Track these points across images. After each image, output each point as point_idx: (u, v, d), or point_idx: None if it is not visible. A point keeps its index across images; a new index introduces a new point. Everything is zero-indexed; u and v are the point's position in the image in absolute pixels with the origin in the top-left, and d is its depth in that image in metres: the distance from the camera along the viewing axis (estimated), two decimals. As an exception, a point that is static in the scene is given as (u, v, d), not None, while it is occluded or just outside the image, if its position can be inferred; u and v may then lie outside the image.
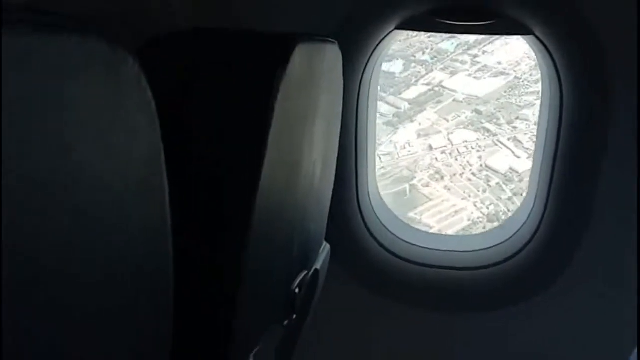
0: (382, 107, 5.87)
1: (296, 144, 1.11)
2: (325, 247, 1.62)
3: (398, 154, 6.18)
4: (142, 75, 0.57)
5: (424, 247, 2.09)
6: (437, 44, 6.39)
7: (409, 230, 2.22)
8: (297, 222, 1.22)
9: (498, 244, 2.05)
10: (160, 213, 0.69)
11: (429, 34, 5.69)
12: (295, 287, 1.29)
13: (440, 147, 6.22)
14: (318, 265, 1.52)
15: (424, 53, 6.40)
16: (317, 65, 1.19)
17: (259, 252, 0.98)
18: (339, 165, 1.62)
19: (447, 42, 6.38)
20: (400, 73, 6.39)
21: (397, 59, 6.16)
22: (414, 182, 6.08)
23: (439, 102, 6.37)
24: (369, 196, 2.06)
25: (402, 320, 2.06)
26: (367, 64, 1.84)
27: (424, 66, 6.38)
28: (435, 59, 6.44)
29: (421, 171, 6.15)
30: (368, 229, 2.03)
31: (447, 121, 6.31)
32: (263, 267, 1.04)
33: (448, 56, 6.48)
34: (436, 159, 6.17)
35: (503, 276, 2.00)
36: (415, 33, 5.62)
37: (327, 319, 1.80)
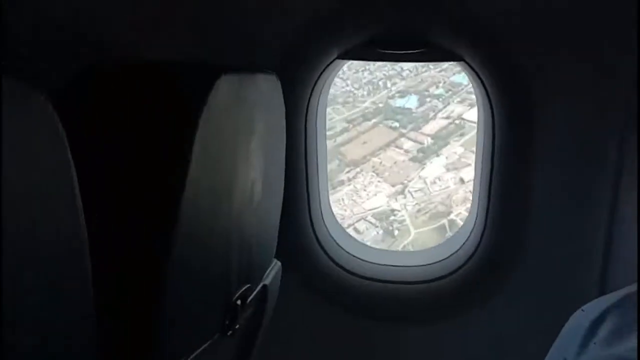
0: (405, 144, 5.75)
1: (227, 165, 1.23)
2: (276, 265, 1.72)
3: (429, 189, 6.06)
4: (54, 113, 0.68)
5: (375, 263, 2.21)
6: (449, 77, 6.43)
7: (361, 246, 2.34)
8: (232, 238, 1.32)
9: (440, 260, 2.18)
10: (75, 233, 0.79)
11: (440, 67, 5.78)
12: (236, 300, 1.39)
13: (472, 180, 6.13)
14: (267, 281, 1.62)
15: (437, 87, 6.36)
16: (249, 94, 1.31)
17: (185, 264, 1.09)
18: (290, 186, 1.74)
19: (459, 75, 6.30)
20: (417, 108, 6.22)
21: (411, 94, 6.07)
22: (452, 216, 5.94)
23: (462, 134, 6.29)
24: (321, 216, 2.18)
25: (353, 332, 2.16)
26: (312, 92, 1.97)
27: (440, 100, 6.41)
28: (450, 92, 6.45)
29: (457, 205, 6.02)
30: (320, 245, 2.14)
31: (474, 153, 6.24)
32: (191, 279, 1.14)
33: (462, 88, 6.41)
34: (469, 191, 6.11)
35: (444, 290, 2.12)
36: (424, 67, 5.75)
37: (281, 333, 1.90)
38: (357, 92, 5.53)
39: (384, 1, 1.87)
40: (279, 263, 1.72)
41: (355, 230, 5.18)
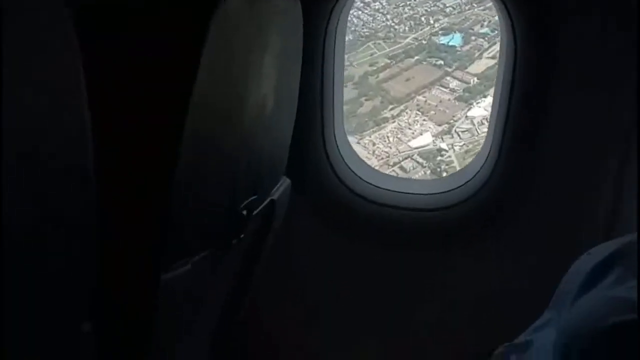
0: (451, 83, 5.52)
1: (237, 75, 1.24)
2: (285, 181, 1.76)
3: (477, 130, 6.04)
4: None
5: (386, 189, 2.23)
6: (494, 16, 6.17)
7: (372, 172, 2.37)
8: (241, 148, 1.35)
9: (453, 189, 2.20)
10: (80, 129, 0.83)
11: (484, 6, 5.61)
12: (242, 210, 1.44)
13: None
14: (275, 196, 1.66)
15: (482, 26, 6.23)
16: (264, 7, 1.31)
17: (192, 170, 1.13)
18: (303, 105, 1.76)
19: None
20: (461, 46, 6.12)
21: (455, 32, 5.88)
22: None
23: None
24: (334, 137, 2.20)
25: (360, 257, 2.21)
26: (332, 11, 1.96)
27: (485, 39, 6.25)
28: (496, 31, 6.25)
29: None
30: (332, 168, 2.17)
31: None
32: (197, 182, 1.19)
33: (509, 28, 6.27)
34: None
35: (455, 219, 2.15)
36: (468, 5, 5.58)
37: (286, 251, 1.95)
38: (398, 27, 5.35)
39: None
40: (288, 180, 1.76)
41: (402, 168, 5.14)
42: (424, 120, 5.09)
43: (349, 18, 5.02)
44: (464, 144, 5.58)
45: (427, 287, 2.26)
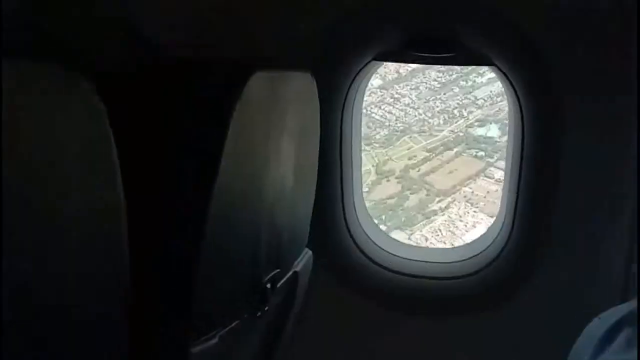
0: (496, 174, 5.53)
1: (258, 158, 1.33)
2: (307, 253, 1.81)
3: None
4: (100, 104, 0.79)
5: (405, 258, 2.28)
6: None
7: (392, 241, 2.42)
8: (263, 225, 1.42)
9: (468, 258, 2.24)
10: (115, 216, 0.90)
11: None
12: (266, 283, 1.49)
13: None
14: (298, 268, 1.72)
15: None
16: (281, 91, 1.40)
17: (217, 247, 1.19)
18: (324, 181, 1.84)
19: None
20: (500, 137, 6.20)
21: (491, 123, 5.89)
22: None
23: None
24: (354, 209, 2.27)
25: (380, 324, 2.24)
26: (348, 91, 2.06)
27: None
28: None
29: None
30: (352, 239, 2.23)
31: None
32: (222, 261, 1.25)
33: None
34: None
35: (470, 288, 2.18)
36: (500, 97, 5.65)
37: (311, 321, 1.99)
38: (432, 120, 5.42)
39: (418, 4, 1.94)
40: (310, 252, 1.81)
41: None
42: (475, 211, 5.06)
43: (382, 114, 5.13)
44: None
45: (442, 355, 2.27)
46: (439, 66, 4.60)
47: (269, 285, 1.50)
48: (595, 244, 2.07)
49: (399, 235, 4.74)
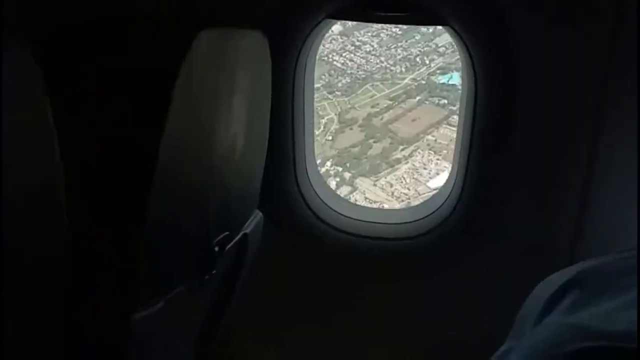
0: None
1: (206, 118, 1.29)
2: (257, 215, 1.79)
3: None
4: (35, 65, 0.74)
5: (358, 219, 2.28)
6: None
7: (343, 202, 2.42)
8: (211, 187, 1.39)
9: (418, 219, 2.25)
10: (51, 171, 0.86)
11: None
12: (215, 246, 1.47)
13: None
14: (247, 230, 1.69)
15: None
16: (231, 49, 1.36)
17: (162, 209, 1.16)
18: (275, 142, 1.81)
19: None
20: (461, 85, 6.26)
21: (453, 71, 5.80)
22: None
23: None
24: (306, 171, 2.25)
25: (330, 286, 2.25)
26: (300, 50, 2.02)
27: None
28: None
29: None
30: (304, 200, 2.21)
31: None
32: (168, 222, 1.22)
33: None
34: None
35: (419, 249, 2.20)
36: None
37: (261, 284, 1.98)
38: (394, 68, 5.37)
39: None
40: (261, 214, 1.79)
41: (424, 209, 5.13)
42: (438, 159, 5.08)
43: (343, 61, 5.07)
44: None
45: (396, 315, 2.30)
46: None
47: (217, 248, 1.48)
48: (547, 202, 2.09)
49: (364, 183, 4.80)
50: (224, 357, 2.07)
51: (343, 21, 2.07)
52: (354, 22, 4.73)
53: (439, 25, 2.00)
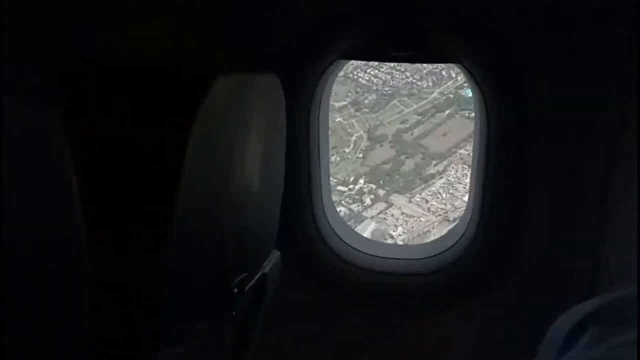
0: None
1: (223, 160, 1.31)
2: (275, 254, 1.80)
3: None
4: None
5: (374, 255, 2.29)
6: None
7: (360, 239, 2.43)
8: (229, 228, 1.41)
9: (435, 255, 2.25)
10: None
11: None
12: (234, 287, 1.48)
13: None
14: (266, 270, 1.70)
15: None
16: (246, 94, 1.39)
17: (182, 251, 1.17)
18: (291, 180, 1.83)
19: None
20: None
21: None
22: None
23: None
24: (322, 206, 2.26)
25: (351, 322, 2.24)
26: (314, 90, 2.05)
27: None
28: None
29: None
30: (322, 238, 2.22)
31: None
32: (187, 266, 1.23)
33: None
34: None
35: (438, 284, 2.20)
36: None
37: (281, 323, 1.98)
38: (420, 83, 5.38)
39: (384, 2, 1.94)
40: (278, 253, 1.80)
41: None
42: None
43: (368, 77, 5.06)
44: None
45: (413, 350, 2.28)
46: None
47: (236, 290, 1.49)
48: (563, 245, 2.09)
49: (398, 199, 4.74)
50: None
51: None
52: None
53: (451, 63, 2.03)
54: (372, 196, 4.83)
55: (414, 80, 5.34)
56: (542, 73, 1.93)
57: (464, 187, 5.02)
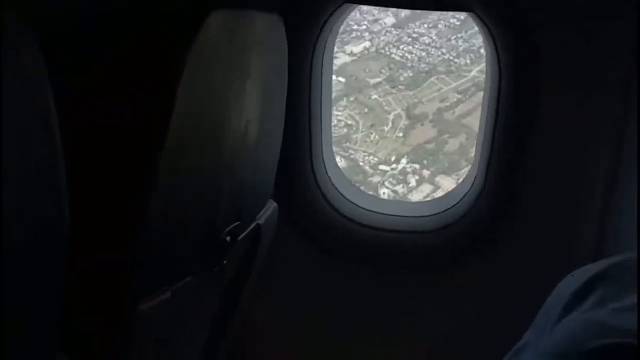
0: None
1: (217, 104, 1.24)
2: (271, 205, 1.74)
3: None
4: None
5: (372, 211, 2.23)
6: None
7: (359, 193, 2.36)
8: (223, 175, 1.34)
9: (438, 212, 2.19)
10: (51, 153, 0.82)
11: None
12: (226, 235, 1.42)
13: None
14: (261, 220, 1.65)
15: None
16: (243, 32, 1.30)
17: (169, 196, 1.11)
18: (290, 130, 1.75)
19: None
20: None
21: None
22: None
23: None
24: (323, 161, 2.20)
25: (348, 278, 2.20)
26: (319, 35, 1.96)
27: None
28: None
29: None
30: (320, 191, 2.16)
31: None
32: (176, 211, 1.17)
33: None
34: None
35: (441, 242, 2.15)
36: None
37: (275, 276, 1.94)
38: (458, 60, 5.10)
39: None
40: (275, 204, 1.74)
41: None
42: None
43: (401, 54, 4.94)
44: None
45: (415, 309, 2.24)
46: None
47: (228, 238, 1.43)
48: (566, 207, 2.03)
49: (445, 181, 4.68)
50: (237, 354, 2.05)
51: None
52: (407, 13, 4.65)
53: (463, 11, 1.93)
54: (416, 177, 4.72)
55: (450, 58, 5.14)
56: (557, 27, 1.84)
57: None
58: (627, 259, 0.99)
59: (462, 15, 4.65)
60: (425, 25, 5.01)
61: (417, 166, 4.78)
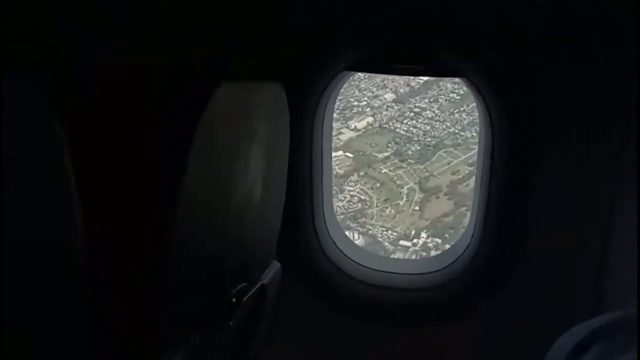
0: None
1: (224, 169, 1.29)
2: (275, 266, 1.78)
3: None
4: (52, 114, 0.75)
5: (375, 269, 2.26)
6: None
7: (362, 252, 2.40)
8: (229, 237, 1.39)
9: (439, 269, 2.23)
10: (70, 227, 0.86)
11: None
12: (232, 297, 1.46)
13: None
14: (265, 280, 1.68)
15: None
16: (249, 102, 1.37)
17: (181, 261, 1.16)
18: (293, 192, 1.81)
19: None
20: None
21: None
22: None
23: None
24: (324, 219, 2.24)
25: (350, 335, 2.21)
26: (319, 101, 2.04)
27: None
28: None
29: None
30: (322, 250, 2.20)
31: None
32: (186, 275, 1.21)
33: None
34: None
35: (442, 298, 2.18)
36: None
37: (279, 333, 1.96)
38: (464, 133, 5.24)
39: (391, 14, 1.93)
40: (278, 264, 1.78)
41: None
42: None
43: (406, 128, 4.99)
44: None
45: None
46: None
47: (234, 299, 1.47)
48: (566, 262, 2.07)
49: None
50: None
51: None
52: (406, 89, 4.73)
53: (457, 77, 2.02)
54: (439, 252, 4.71)
55: (456, 131, 5.22)
56: (549, 89, 1.92)
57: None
58: (625, 315, 1.00)
59: (462, 89, 4.75)
60: (426, 100, 5.10)
61: (438, 240, 4.79)
